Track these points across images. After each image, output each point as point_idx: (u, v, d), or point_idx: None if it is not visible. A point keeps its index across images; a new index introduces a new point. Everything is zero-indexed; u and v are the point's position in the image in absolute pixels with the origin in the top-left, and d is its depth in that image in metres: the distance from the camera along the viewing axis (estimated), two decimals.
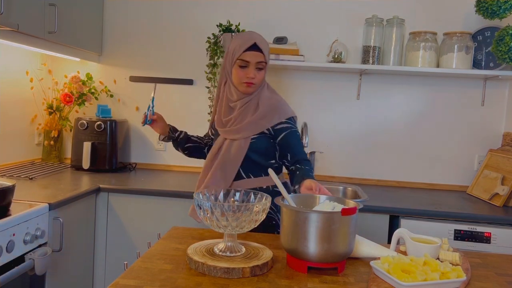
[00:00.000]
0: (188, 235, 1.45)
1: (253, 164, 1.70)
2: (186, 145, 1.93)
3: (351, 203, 1.27)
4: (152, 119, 1.84)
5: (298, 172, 1.59)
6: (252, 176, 1.70)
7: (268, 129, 1.67)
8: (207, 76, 2.63)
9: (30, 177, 2.23)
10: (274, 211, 1.71)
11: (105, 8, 2.82)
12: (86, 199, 2.14)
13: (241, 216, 1.14)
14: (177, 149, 1.95)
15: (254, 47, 1.66)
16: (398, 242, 1.32)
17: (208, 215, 1.16)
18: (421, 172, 2.72)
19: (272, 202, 1.64)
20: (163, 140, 1.91)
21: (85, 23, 2.58)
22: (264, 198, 1.25)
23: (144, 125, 1.84)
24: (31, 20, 2.04)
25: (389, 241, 2.13)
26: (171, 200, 2.21)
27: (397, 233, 1.29)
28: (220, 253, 1.21)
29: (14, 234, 1.57)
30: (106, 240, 2.25)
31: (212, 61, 2.58)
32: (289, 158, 1.66)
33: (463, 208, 2.18)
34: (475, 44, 2.52)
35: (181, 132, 1.93)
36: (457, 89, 2.67)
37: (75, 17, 2.45)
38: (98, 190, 2.20)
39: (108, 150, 2.57)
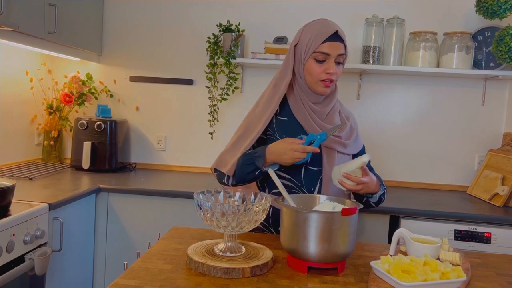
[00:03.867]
0: (188, 235, 1.45)
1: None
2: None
3: (351, 203, 1.27)
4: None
5: None
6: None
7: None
8: (207, 76, 2.63)
9: (30, 177, 2.23)
10: (266, 225, 1.60)
11: (105, 8, 2.82)
12: (86, 199, 2.14)
13: (241, 216, 1.14)
14: (254, 176, 1.50)
15: (335, 37, 1.44)
16: (398, 242, 1.32)
17: (208, 215, 1.16)
18: (421, 172, 2.72)
19: (266, 218, 1.57)
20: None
21: (85, 23, 2.58)
22: (264, 198, 1.25)
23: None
24: (31, 20, 2.04)
25: (389, 242, 2.13)
26: (171, 200, 2.21)
27: (397, 233, 1.29)
28: (220, 253, 1.21)
29: (14, 234, 1.57)
30: (106, 240, 2.25)
31: (212, 61, 2.58)
32: None
33: (463, 208, 2.18)
34: (475, 44, 2.52)
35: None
36: (457, 89, 2.67)
37: (75, 17, 2.45)
38: (98, 190, 2.20)
39: (108, 150, 2.57)
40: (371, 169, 1.66)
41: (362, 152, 1.66)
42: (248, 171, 1.48)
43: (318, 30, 1.45)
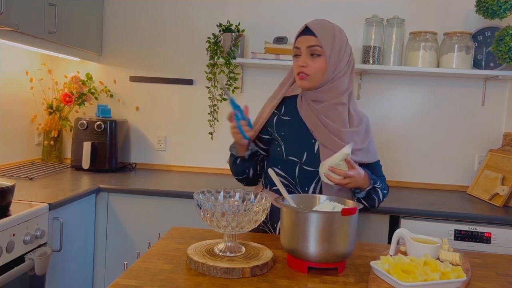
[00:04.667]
0: (188, 235, 1.45)
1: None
2: (249, 164, 1.63)
3: (351, 203, 1.27)
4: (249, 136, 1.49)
5: None
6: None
7: None
8: (207, 76, 2.63)
9: (30, 177, 2.23)
10: (265, 222, 1.63)
11: (105, 8, 2.82)
12: (86, 199, 2.14)
13: (241, 216, 1.14)
14: (238, 165, 1.62)
15: (306, 31, 1.49)
16: (398, 242, 1.32)
17: (208, 215, 1.16)
18: (421, 172, 2.72)
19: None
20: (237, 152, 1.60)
21: (85, 23, 2.58)
22: (264, 198, 1.25)
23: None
24: (31, 20, 2.04)
25: (389, 242, 2.13)
26: (171, 200, 2.21)
27: (397, 233, 1.29)
28: (220, 253, 1.21)
29: (14, 234, 1.57)
30: (106, 240, 2.25)
31: (212, 61, 2.58)
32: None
33: (463, 208, 2.18)
34: (475, 44, 2.52)
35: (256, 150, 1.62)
36: (457, 89, 2.67)
37: (75, 17, 2.45)
38: (98, 190, 2.20)
39: (108, 150, 2.57)
40: (379, 169, 1.64)
41: (376, 165, 1.63)
42: (232, 161, 1.64)
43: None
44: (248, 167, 1.62)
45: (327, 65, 1.48)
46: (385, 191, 1.60)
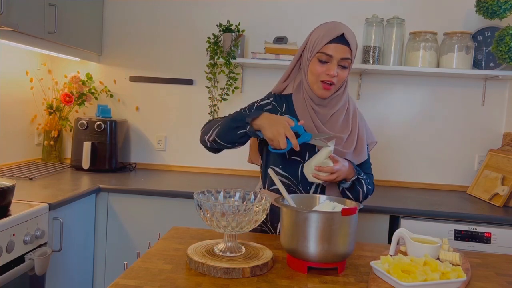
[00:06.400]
0: (188, 235, 1.45)
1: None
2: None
3: (351, 203, 1.27)
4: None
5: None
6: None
7: None
8: (207, 76, 2.63)
9: (30, 177, 2.23)
10: (264, 222, 1.62)
11: (105, 8, 2.82)
12: (86, 199, 2.14)
13: (241, 216, 1.14)
14: (237, 136, 1.47)
15: (341, 39, 1.44)
16: (398, 242, 1.32)
17: (208, 215, 1.16)
18: (421, 172, 2.72)
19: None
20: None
21: (85, 23, 2.58)
22: (264, 198, 1.25)
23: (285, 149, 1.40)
24: (31, 20, 2.04)
25: (389, 242, 2.13)
26: (171, 200, 2.21)
27: (397, 233, 1.29)
28: (220, 253, 1.21)
29: (14, 234, 1.57)
30: (106, 240, 2.25)
31: (212, 61, 2.58)
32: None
33: (463, 208, 2.18)
34: (475, 44, 2.52)
35: None
36: (457, 89, 2.67)
37: (75, 17, 2.45)
38: (98, 190, 2.20)
39: (108, 150, 2.57)
40: (368, 166, 1.65)
41: (365, 163, 1.64)
42: (233, 126, 1.45)
43: (325, 31, 1.46)
44: (243, 142, 1.50)
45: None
46: (370, 187, 1.59)
